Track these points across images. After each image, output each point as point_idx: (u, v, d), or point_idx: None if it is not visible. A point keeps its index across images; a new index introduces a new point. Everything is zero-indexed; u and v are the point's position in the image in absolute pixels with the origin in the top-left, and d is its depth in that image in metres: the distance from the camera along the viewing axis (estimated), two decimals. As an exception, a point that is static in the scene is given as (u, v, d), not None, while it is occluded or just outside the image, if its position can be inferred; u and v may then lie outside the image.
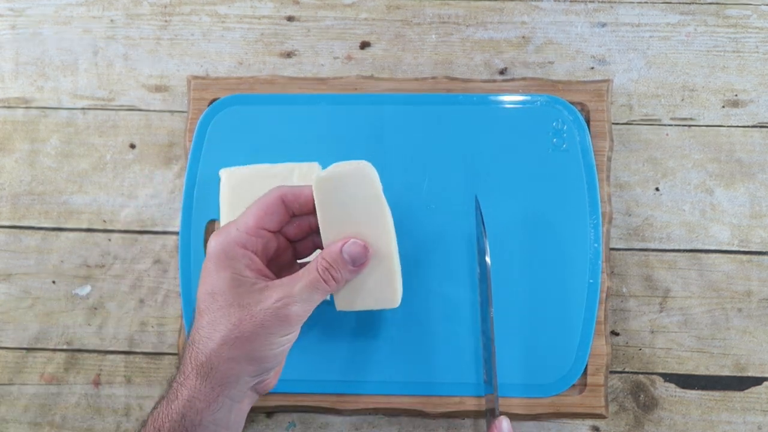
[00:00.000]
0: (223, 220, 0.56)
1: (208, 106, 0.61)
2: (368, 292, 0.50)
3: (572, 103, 0.60)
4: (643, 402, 0.60)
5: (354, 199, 0.47)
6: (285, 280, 0.45)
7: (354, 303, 0.50)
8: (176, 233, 0.62)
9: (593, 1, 0.64)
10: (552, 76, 0.63)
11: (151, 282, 0.62)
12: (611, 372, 0.60)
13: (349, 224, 0.48)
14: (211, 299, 0.45)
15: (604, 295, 0.58)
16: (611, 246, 0.61)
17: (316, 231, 0.49)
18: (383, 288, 0.50)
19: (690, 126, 0.63)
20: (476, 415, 0.58)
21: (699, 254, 0.61)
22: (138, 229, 0.63)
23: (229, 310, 0.44)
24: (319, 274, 0.46)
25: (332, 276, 0.46)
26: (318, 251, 0.51)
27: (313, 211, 0.48)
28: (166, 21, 0.65)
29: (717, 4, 0.64)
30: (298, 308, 0.44)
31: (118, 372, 0.61)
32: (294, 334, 0.46)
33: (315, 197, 0.47)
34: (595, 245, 0.58)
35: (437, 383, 0.57)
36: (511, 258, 0.58)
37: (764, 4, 0.64)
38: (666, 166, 0.62)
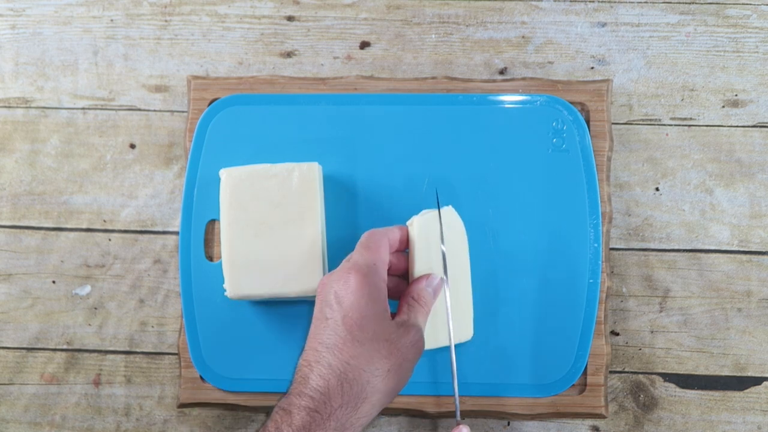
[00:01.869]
0: (223, 220, 0.56)
1: (208, 106, 0.61)
2: (443, 329, 0.54)
3: (572, 103, 0.60)
4: (643, 402, 0.60)
5: (440, 241, 0.53)
6: (404, 315, 0.50)
7: (438, 340, 0.53)
8: (176, 233, 0.62)
9: (593, 1, 0.64)
10: (552, 76, 0.63)
11: (151, 282, 0.62)
12: (611, 372, 0.60)
13: (436, 262, 0.53)
14: (361, 331, 0.46)
15: (604, 295, 0.58)
16: (611, 246, 0.61)
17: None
18: (460, 323, 0.55)
19: (690, 126, 0.63)
20: (476, 415, 0.58)
21: (699, 254, 0.61)
22: (138, 229, 0.63)
23: (379, 344, 0.47)
24: (423, 307, 0.50)
25: (429, 309, 0.51)
26: None
27: (398, 250, 0.53)
28: (166, 21, 0.65)
29: (717, 4, 0.64)
30: (424, 339, 0.50)
31: (118, 372, 0.61)
32: None
33: (412, 235, 0.53)
34: (595, 245, 0.58)
35: (437, 383, 0.57)
36: (511, 258, 0.58)
37: (764, 4, 0.64)
38: (666, 166, 0.62)
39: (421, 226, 0.53)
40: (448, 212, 0.54)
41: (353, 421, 0.45)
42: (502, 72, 0.64)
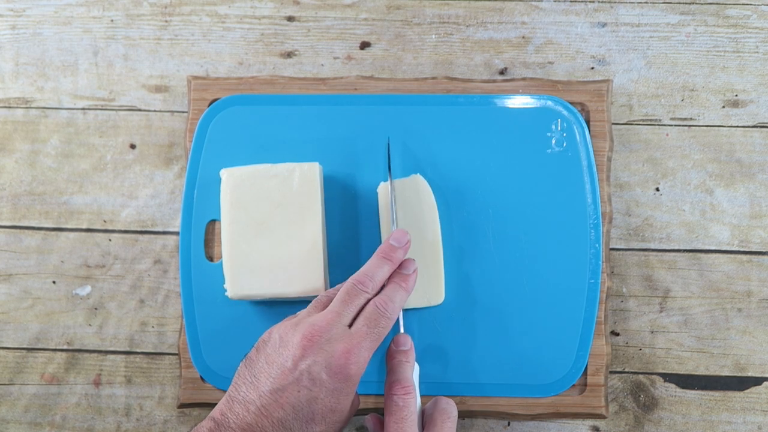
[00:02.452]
0: (224, 220, 0.56)
1: (209, 106, 0.61)
2: (416, 291, 0.57)
3: (572, 103, 0.60)
4: (643, 402, 0.60)
5: (408, 205, 0.58)
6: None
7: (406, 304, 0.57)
8: (176, 233, 0.62)
9: (593, 1, 0.64)
10: (552, 76, 0.63)
11: (151, 282, 0.62)
12: (611, 372, 0.60)
13: (419, 222, 0.58)
14: (330, 413, 0.47)
15: (604, 295, 0.58)
16: (611, 246, 0.61)
17: None
18: (431, 287, 0.57)
19: (690, 126, 0.63)
20: (476, 415, 0.58)
21: (699, 254, 0.61)
22: (138, 229, 0.63)
23: (336, 425, 0.48)
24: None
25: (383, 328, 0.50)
26: None
27: None
28: (166, 21, 0.65)
29: (717, 4, 0.64)
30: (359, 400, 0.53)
31: (118, 372, 0.61)
32: None
33: (379, 201, 0.58)
34: (596, 245, 0.58)
35: (437, 383, 0.57)
36: (511, 258, 0.58)
37: (764, 4, 0.64)
38: (666, 166, 0.62)
39: (385, 192, 0.58)
40: (417, 180, 0.58)
41: None
42: (502, 72, 0.64)
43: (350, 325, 0.48)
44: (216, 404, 0.59)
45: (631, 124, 0.63)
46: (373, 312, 0.49)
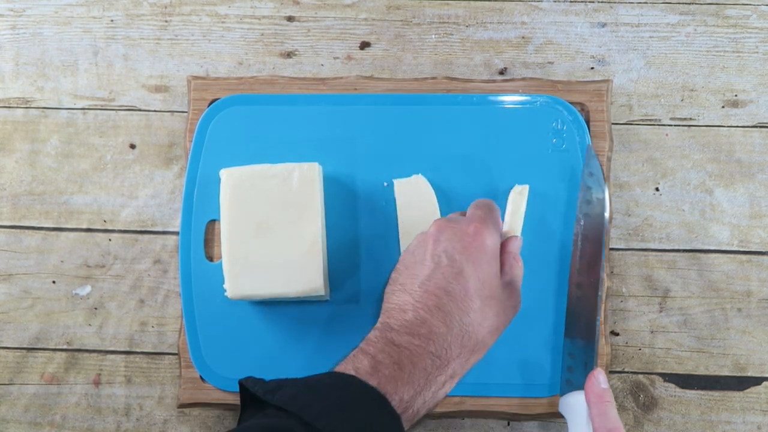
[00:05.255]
0: (224, 220, 0.56)
1: (208, 106, 0.61)
2: None
3: (572, 103, 0.60)
4: (643, 402, 0.60)
5: (410, 206, 0.58)
6: (508, 276, 0.52)
7: None
8: (176, 233, 0.62)
9: (593, 1, 0.64)
10: (552, 76, 0.63)
11: (151, 282, 0.62)
12: (611, 372, 0.60)
13: (420, 223, 0.57)
14: (481, 286, 0.48)
15: (604, 295, 0.58)
16: (611, 246, 0.61)
17: None
18: None
19: (690, 126, 0.63)
20: (476, 415, 0.58)
21: (699, 254, 0.61)
22: (138, 229, 0.63)
23: (492, 301, 0.48)
24: (521, 266, 0.53)
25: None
26: None
27: None
28: (166, 21, 0.65)
29: (717, 4, 0.64)
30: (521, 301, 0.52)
31: (118, 372, 0.61)
32: None
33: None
34: (595, 245, 0.58)
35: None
36: (511, 258, 0.58)
37: (764, 4, 0.64)
38: (666, 166, 0.62)
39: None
40: (418, 181, 0.58)
41: (459, 372, 0.47)
42: (502, 72, 0.64)
43: None
44: (216, 404, 0.59)
45: (631, 124, 0.63)
46: (479, 202, 0.52)
